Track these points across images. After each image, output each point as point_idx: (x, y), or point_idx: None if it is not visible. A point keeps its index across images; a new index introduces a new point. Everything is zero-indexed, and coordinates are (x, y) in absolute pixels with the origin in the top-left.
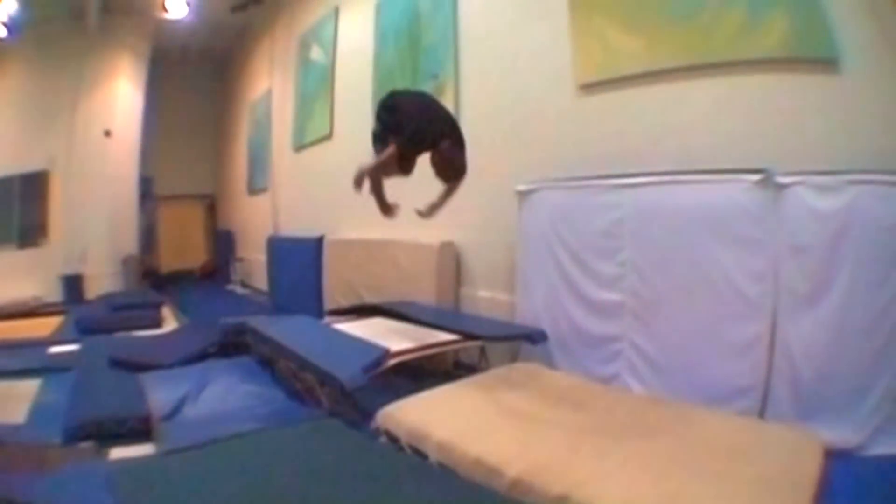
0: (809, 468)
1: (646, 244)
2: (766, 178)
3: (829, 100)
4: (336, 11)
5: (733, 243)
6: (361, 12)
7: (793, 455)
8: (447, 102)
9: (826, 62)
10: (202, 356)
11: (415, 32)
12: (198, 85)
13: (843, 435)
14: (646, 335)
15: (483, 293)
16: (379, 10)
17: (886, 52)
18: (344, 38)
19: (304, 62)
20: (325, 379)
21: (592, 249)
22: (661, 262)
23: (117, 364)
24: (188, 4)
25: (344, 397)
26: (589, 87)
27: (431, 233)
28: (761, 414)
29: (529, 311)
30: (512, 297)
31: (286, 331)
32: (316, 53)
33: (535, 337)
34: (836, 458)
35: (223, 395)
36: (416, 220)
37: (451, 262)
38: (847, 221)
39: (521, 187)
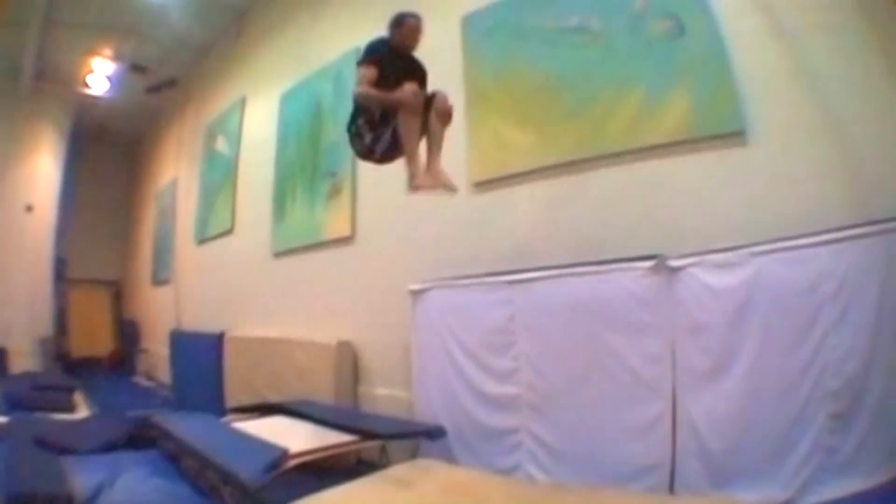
0: None
1: (539, 337)
2: (659, 264)
3: (735, 172)
4: (242, 102)
5: (628, 329)
6: (266, 105)
7: None
8: (344, 200)
9: (732, 135)
10: (114, 446)
11: (316, 128)
12: (112, 166)
13: (769, 493)
14: (544, 425)
15: (381, 391)
16: (283, 104)
17: (793, 119)
18: (249, 130)
19: (210, 153)
20: (228, 478)
21: (486, 345)
22: (555, 354)
23: (41, 443)
24: (109, 81)
25: (247, 496)
26: (482, 185)
27: (328, 332)
28: (671, 489)
29: (427, 407)
30: (410, 394)
31: (189, 428)
32: (221, 144)
33: (433, 433)
34: None
35: (134, 488)
36: (312, 320)
37: (349, 361)
38: (750, 294)
39: (415, 287)
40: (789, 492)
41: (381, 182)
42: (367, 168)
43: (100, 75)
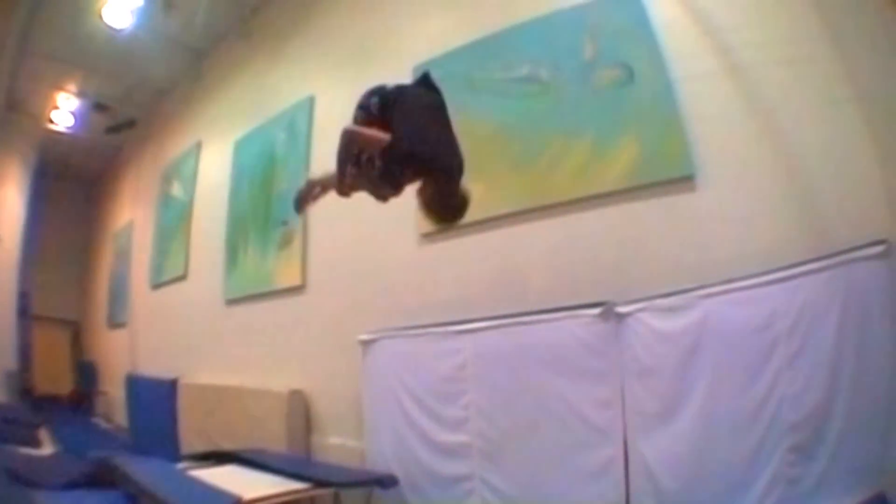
0: None
1: (489, 386)
2: (606, 310)
3: (684, 217)
4: (198, 147)
5: (577, 376)
6: (221, 150)
7: None
8: (294, 251)
9: (681, 180)
10: (79, 484)
11: (269, 176)
12: (73, 204)
13: None
14: (496, 472)
15: (333, 440)
16: (237, 150)
17: (746, 158)
18: (204, 175)
19: (165, 196)
20: None
21: (436, 394)
22: (505, 402)
23: (12, 476)
24: (74, 117)
25: None
26: (431, 236)
27: (280, 380)
28: None
29: (379, 456)
30: (361, 443)
31: (147, 472)
32: (176, 189)
33: (385, 482)
34: None
35: None
36: (264, 368)
37: (301, 410)
38: (699, 336)
39: (364, 336)
40: None
41: (332, 232)
42: (318, 218)
43: (65, 111)
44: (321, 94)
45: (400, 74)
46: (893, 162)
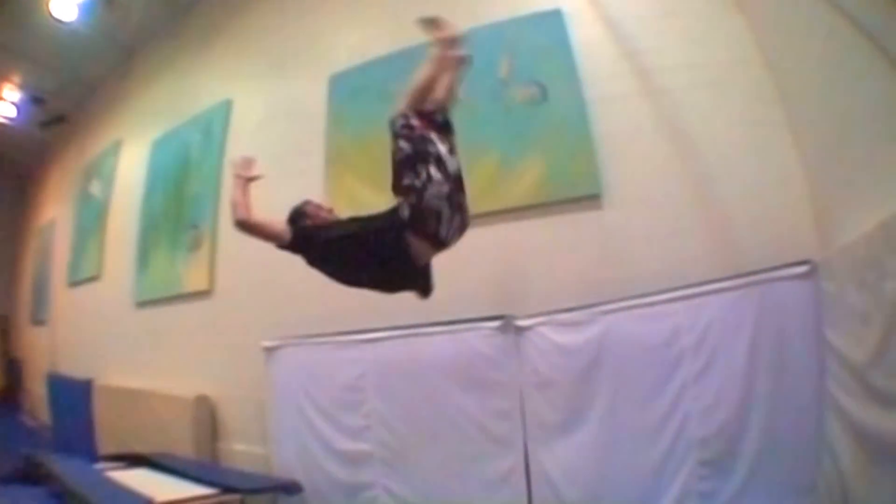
0: None
1: (389, 395)
2: (506, 323)
3: (589, 234)
4: (118, 145)
5: (477, 387)
6: (139, 150)
7: None
8: (203, 254)
9: (587, 198)
10: (9, 480)
11: (183, 178)
12: (5, 197)
13: None
14: (397, 480)
15: (239, 446)
16: (154, 150)
17: (656, 178)
18: (122, 174)
19: (84, 195)
20: None
21: (337, 403)
22: (405, 411)
23: None
24: (16, 109)
25: None
26: None
27: (188, 385)
28: None
29: (284, 462)
30: (267, 449)
31: (69, 471)
32: (95, 187)
33: (289, 488)
34: None
35: None
36: (173, 373)
37: (207, 415)
38: (600, 350)
39: (268, 343)
40: None
41: (240, 237)
42: (227, 222)
43: (8, 102)
44: (239, 98)
45: (316, 83)
46: (822, 186)
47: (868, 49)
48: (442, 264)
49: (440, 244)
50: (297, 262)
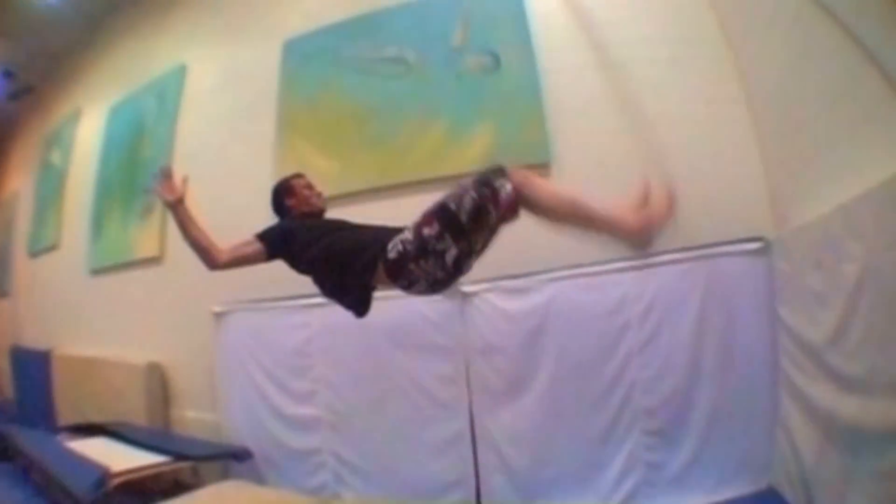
0: None
1: (336, 360)
2: (452, 289)
3: None
4: (77, 114)
5: (422, 352)
6: (97, 118)
7: None
8: (155, 220)
9: (536, 166)
10: None
11: (137, 144)
12: None
13: None
14: (345, 445)
15: (191, 413)
16: (110, 117)
17: (608, 150)
18: (80, 143)
19: (45, 165)
20: (66, 495)
21: (285, 367)
22: (352, 376)
23: None
24: None
25: None
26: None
27: (140, 353)
28: (478, 503)
29: (234, 429)
30: (217, 416)
31: (33, 444)
32: (55, 157)
33: (239, 455)
34: None
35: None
36: (126, 340)
37: (158, 382)
38: (545, 318)
39: (217, 309)
40: None
41: (190, 201)
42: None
43: None
44: (194, 63)
45: (271, 48)
46: (778, 166)
47: (835, 33)
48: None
49: (397, 286)
50: (246, 227)
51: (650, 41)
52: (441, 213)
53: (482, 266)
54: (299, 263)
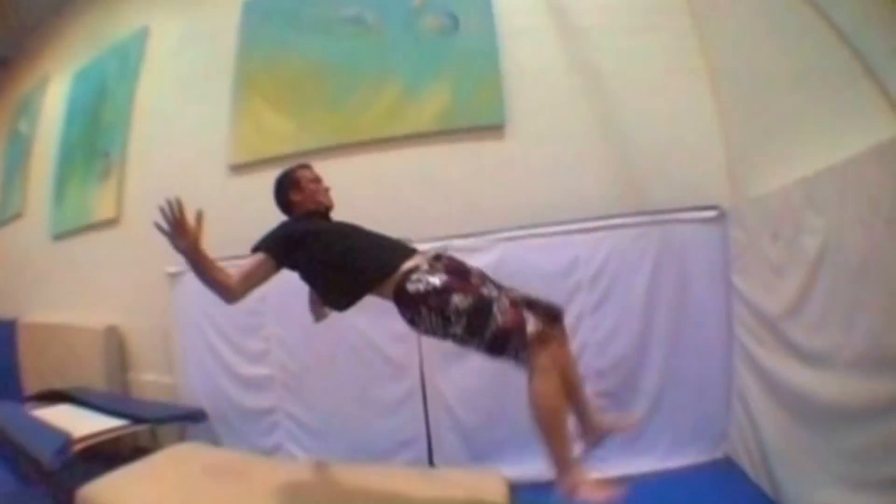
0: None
1: (288, 319)
2: None
3: (490, 164)
4: (44, 82)
5: (373, 310)
6: (63, 84)
7: (470, 492)
8: (112, 183)
9: (491, 128)
10: None
11: (99, 107)
12: None
13: (536, 466)
14: (298, 404)
15: (148, 376)
16: (74, 83)
17: (565, 114)
18: (46, 110)
19: (14, 134)
20: (30, 462)
21: (238, 327)
22: (304, 334)
23: None
24: None
25: (50, 481)
26: (240, 168)
27: (99, 317)
28: (430, 462)
29: (189, 391)
30: (174, 378)
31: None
32: (23, 125)
33: (195, 416)
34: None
35: None
36: (86, 305)
37: (116, 346)
38: (496, 276)
39: (172, 269)
40: None
41: (147, 164)
42: (137, 149)
43: None
44: (156, 26)
45: (231, 7)
46: (738, 137)
47: (805, 11)
48: (345, 188)
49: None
50: (201, 185)
51: (613, 9)
52: (479, 306)
53: (433, 225)
54: (306, 270)
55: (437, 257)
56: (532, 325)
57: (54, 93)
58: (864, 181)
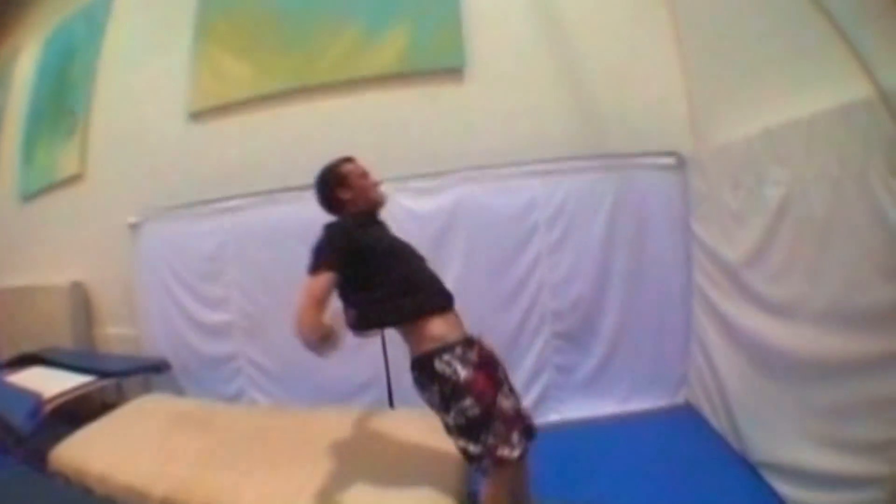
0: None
1: (248, 264)
2: None
3: (448, 106)
4: (17, 51)
5: None
6: (34, 51)
7: (428, 433)
8: (76, 140)
9: (450, 71)
10: None
11: (66, 69)
12: None
13: None
14: (259, 350)
15: (113, 330)
16: (44, 48)
17: (525, 58)
18: (18, 77)
19: None
20: (3, 429)
21: (199, 273)
22: (264, 279)
23: None
24: None
25: (24, 445)
26: (199, 115)
27: (65, 275)
28: (390, 404)
29: (152, 342)
30: (137, 330)
31: None
32: None
33: (159, 367)
34: None
35: None
36: (53, 263)
37: (82, 302)
38: (453, 218)
39: (132, 220)
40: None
41: (110, 117)
42: (100, 107)
43: None
44: None
45: None
46: (701, 87)
47: None
48: (297, 130)
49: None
50: (162, 134)
51: None
52: (482, 421)
53: (390, 165)
54: (353, 286)
55: (470, 342)
56: (516, 450)
57: (25, 61)
58: (833, 138)
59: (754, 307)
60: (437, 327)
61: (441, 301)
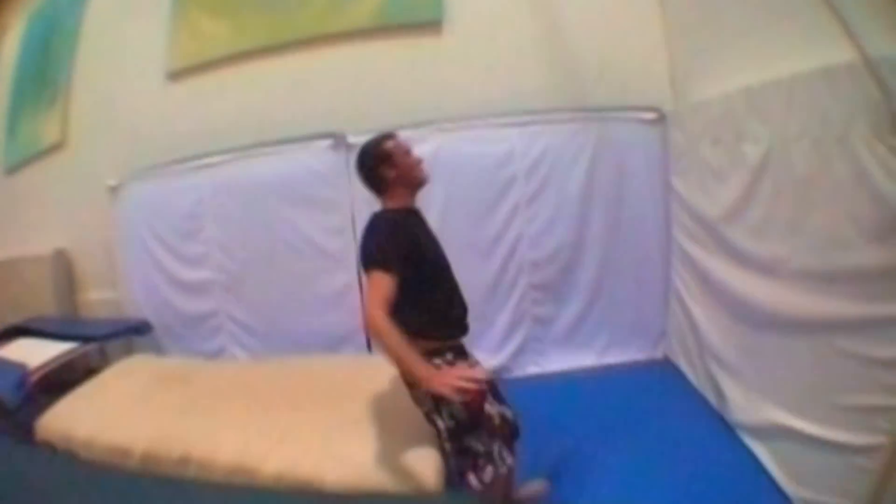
0: None
1: (226, 220)
2: (338, 141)
3: (426, 60)
4: (3, 30)
5: (309, 206)
6: (20, 27)
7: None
8: (57, 109)
9: (427, 24)
10: None
11: (49, 40)
12: None
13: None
14: (239, 306)
15: (95, 295)
16: (29, 23)
17: (496, 13)
18: (4, 56)
19: None
20: None
21: (177, 232)
22: (242, 234)
23: None
24: None
25: (10, 418)
26: (178, 74)
27: (48, 243)
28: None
29: (134, 304)
30: (118, 293)
31: None
32: None
33: (140, 328)
34: None
35: None
36: (38, 233)
37: (64, 269)
38: (431, 168)
39: (112, 182)
40: (500, 358)
41: (93, 83)
42: (80, 75)
43: None
44: None
45: None
46: (683, 44)
47: None
48: (283, 87)
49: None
50: (140, 94)
51: None
52: (468, 424)
53: (366, 116)
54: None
55: (462, 349)
56: (502, 468)
57: (11, 37)
58: (815, 99)
59: (734, 263)
60: (438, 343)
61: (460, 332)
